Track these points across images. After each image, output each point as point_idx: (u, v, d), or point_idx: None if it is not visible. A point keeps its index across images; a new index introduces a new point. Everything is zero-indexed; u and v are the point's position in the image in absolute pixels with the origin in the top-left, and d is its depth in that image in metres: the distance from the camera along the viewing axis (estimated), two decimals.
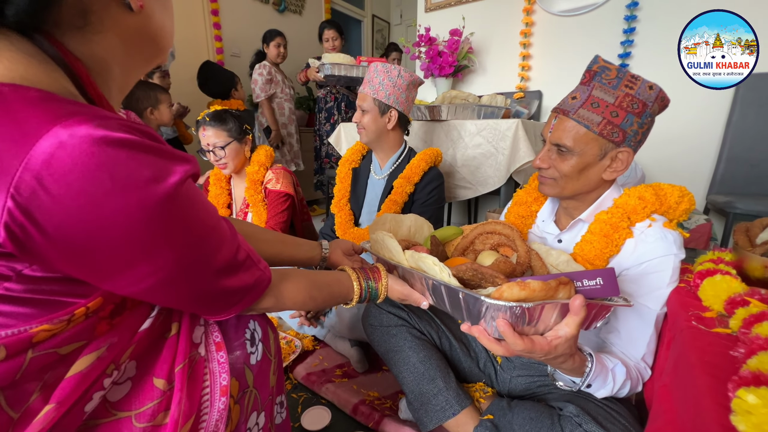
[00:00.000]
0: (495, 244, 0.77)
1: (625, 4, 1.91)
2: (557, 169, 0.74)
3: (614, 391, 0.65)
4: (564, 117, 0.71)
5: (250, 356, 0.49)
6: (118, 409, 0.35)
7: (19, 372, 0.29)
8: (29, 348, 0.29)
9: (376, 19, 4.92)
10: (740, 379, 0.37)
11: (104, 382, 0.34)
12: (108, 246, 0.29)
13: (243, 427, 0.47)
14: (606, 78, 0.69)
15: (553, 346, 0.52)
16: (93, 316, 0.33)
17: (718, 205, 1.68)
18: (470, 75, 2.47)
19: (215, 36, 2.94)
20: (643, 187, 0.74)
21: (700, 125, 1.85)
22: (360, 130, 1.30)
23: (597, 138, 0.69)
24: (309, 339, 1.29)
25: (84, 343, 0.33)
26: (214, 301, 0.41)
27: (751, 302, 0.51)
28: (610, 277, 0.56)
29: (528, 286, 0.48)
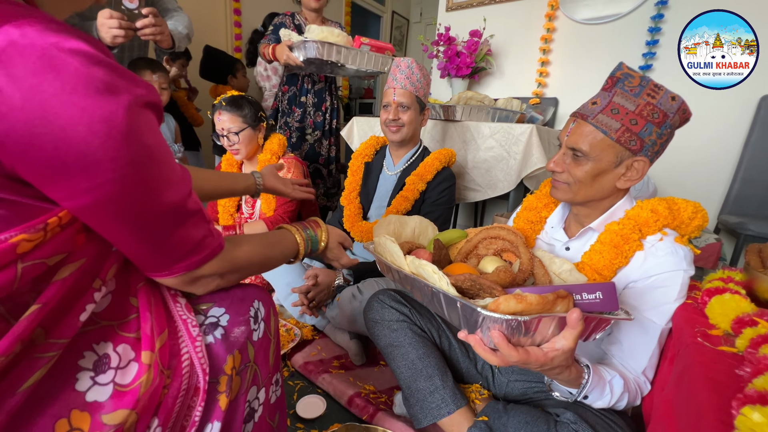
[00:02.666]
0: (498, 249, 0.77)
1: (650, 15, 1.89)
2: (571, 174, 0.73)
3: (611, 403, 0.64)
4: (582, 121, 0.71)
5: (253, 333, 0.51)
6: (101, 318, 0.37)
7: (14, 283, 0.30)
8: (17, 259, 0.30)
9: (396, 16, 4.90)
10: (745, 397, 0.36)
11: (94, 295, 0.36)
12: (48, 148, 0.29)
13: (243, 398, 0.49)
14: (629, 85, 0.68)
15: (550, 358, 0.52)
16: (68, 227, 0.34)
17: (730, 226, 1.65)
18: (487, 77, 2.46)
19: (234, 22, 2.95)
20: (656, 200, 0.74)
21: (717, 143, 1.82)
22: (395, 128, 1.27)
23: (614, 144, 0.68)
24: (309, 328, 1.30)
25: (67, 254, 0.34)
26: (157, 248, 0.39)
27: (759, 323, 0.51)
28: (609, 292, 0.55)
29: (525, 300, 0.48)
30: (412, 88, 1.24)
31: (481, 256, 0.77)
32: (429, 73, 1.32)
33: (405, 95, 1.24)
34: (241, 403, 0.49)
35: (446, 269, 0.69)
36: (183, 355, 0.43)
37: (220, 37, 2.89)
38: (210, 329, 0.48)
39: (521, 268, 0.69)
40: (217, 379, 0.45)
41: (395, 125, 1.27)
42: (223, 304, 0.52)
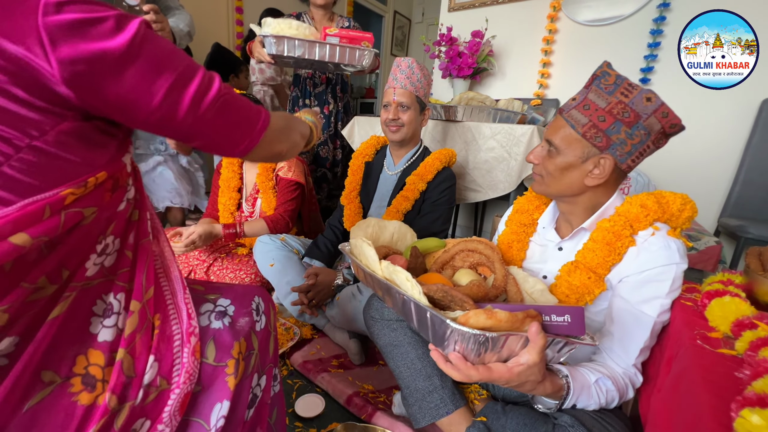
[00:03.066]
0: (475, 262, 0.77)
1: (652, 17, 1.88)
2: (544, 167, 0.76)
3: (602, 404, 0.65)
4: (559, 115, 0.74)
5: (256, 323, 0.56)
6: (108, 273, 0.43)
7: (59, 228, 0.36)
8: (62, 209, 0.36)
9: (398, 16, 4.91)
10: (744, 399, 0.36)
11: (97, 248, 0.41)
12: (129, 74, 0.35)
13: (248, 383, 0.53)
14: (604, 83, 0.69)
15: (515, 374, 0.52)
16: (100, 186, 0.40)
17: (730, 229, 1.65)
18: (488, 78, 2.46)
19: (236, 20, 2.95)
20: (644, 195, 0.74)
21: (718, 146, 1.82)
22: (395, 128, 1.27)
23: (580, 139, 0.70)
24: (308, 327, 1.30)
25: (96, 209, 0.40)
26: (224, 126, 0.45)
27: (759, 326, 0.51)
28: (578, 316, 0.56)
29: (495, 316, 0.49)
30: (412, 88, 1.24)
31: (456, 268, 0.78)
32: (430, 73, 1.31)
33: (405, 95, 1.24)
34: (246, 387, 0.52)
35: (420, 278, 0.69)
36: (168, 305, 0.49)
37: (222, 36, 2.89)
38: (219, 317, 0.53)
39: (495, 284, 0.70)
40: (226, 363, 0.49)
41: (395, 125, 1.27)
42: (228, 296, 0.56)
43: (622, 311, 0.71)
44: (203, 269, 1.47)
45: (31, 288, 0.35)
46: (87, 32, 0.32)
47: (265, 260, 1.33)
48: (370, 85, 5.65)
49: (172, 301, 0.49)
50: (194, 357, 0.47)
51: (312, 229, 1.72)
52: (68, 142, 0.36)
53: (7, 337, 0.34)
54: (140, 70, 0.36)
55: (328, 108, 2.00)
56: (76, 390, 0.39)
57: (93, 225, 0.40)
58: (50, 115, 0.34)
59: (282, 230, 1.47)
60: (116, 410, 0.40)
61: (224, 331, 0.52)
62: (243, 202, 1.61)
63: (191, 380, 0.46)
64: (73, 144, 0.37)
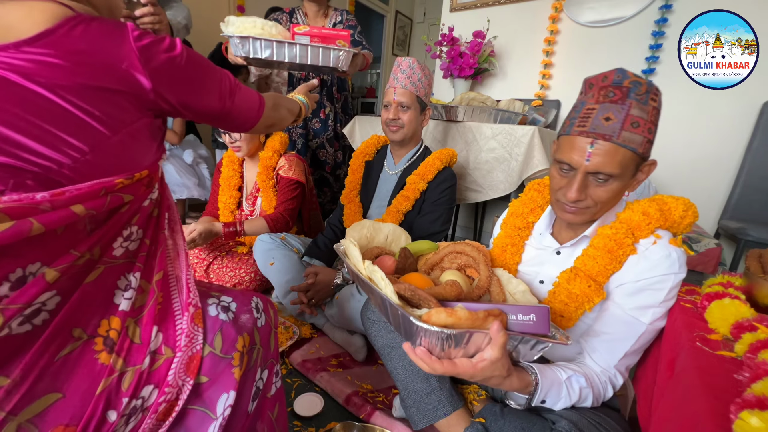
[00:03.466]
0: (462, 264, 0.79)
1: (653, 19, 1.88)
2: (593, 198, 0.68)
3: (573, 402, 0.66)
4: (605, 142, 0.64)
5: (257, 320, 0.60)
6: (131, 256, 0.50)
7: (105, 206, 0.44)
8: (110, 192, 0.44)
9: (400, 16, 4.90)
10: (744, 401, 0.36)
11: (123, 232, 0.48)
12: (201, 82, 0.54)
13: (252, 375, 0.57)
14: (638, 94, 0.64)
15: (479, 369, 0.55)
16: (140, 181, 0.49)
17: (730, 231, 1.65)
18: (490, 78, 2.46)
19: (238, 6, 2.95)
20: (646, 202, 0.73)
21: (719, 149, 1.82)
22: (395, 127, 1.27)
23: (636, 157, 0.65)
24: (307, 326, 1.30)
25: (132, 198, 0.48)
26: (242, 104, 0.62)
27: (759, 328, 0.51)
28: (543, 315, 0.59)
29: (455, 314, 0.52)
30: (412, 88, 1.24)
31: (445, 269, 0.80)
32: (432, 73, 1.31)
33: (405, 95, 1.24)
34: (249, 380, 0.56)
35: (404, 277, 0.72)
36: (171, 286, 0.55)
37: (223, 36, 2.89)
38: (223, 311, 0.57)
39: (478, 285, 0.73)
40: (232, 356, 0.54)
41: (395, 125, 1.27)
42: (229, 295, 0.61)
43: (613, 315, 0.71)
44: (203, 267, 1.47)
45: (76, 255, 0.43)
46: (159, 49, 0.47)
47: (265, 259, 1.33)
48: (371, 84, 5.65)
49: (175, 283, 0.54)
50: (193, 323, 0.52)
51: (312, 228, 1.72)
52: (141, 134, 0.48)
53: (55, 295, 0.41)
54: (193, 68, 0.51)
55: (324, 112, 1.92)
56: (98, 348, 0.45)
57: (123, 215, 0.48)
58: (137, 112, 0.47)
59: (282, 229, 1.47)
60: (123, 371, 0.45)
61: (229, 324, 0.56)
62: (243, 200, 1.61)
63: (192, 343, 0.51)
64: (143, 137, 0.49)
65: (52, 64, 0.38)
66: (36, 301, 0.39)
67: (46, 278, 0.40)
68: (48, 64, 0.38)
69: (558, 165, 0.71)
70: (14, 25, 0.37)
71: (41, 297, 0.40)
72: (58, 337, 0.42)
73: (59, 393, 0.41)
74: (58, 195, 0.40)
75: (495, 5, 2.37)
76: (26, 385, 0.39)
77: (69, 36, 0.39)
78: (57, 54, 0.38)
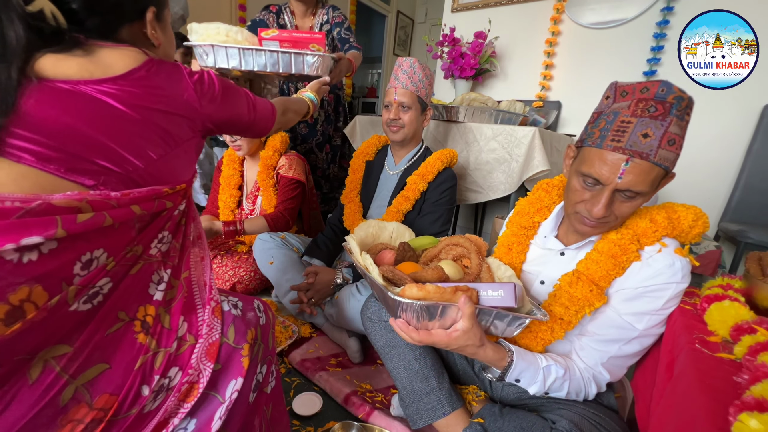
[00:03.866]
0: (457, 255, 0.85)
1: (655, 21, 1.88)
2: (616, 213, 0.66)
3: (546, 388, 0.71)
4: (641, 161, 0.60)
5: (260, 318, 0.67)
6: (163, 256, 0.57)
7: (152, 209, 0.53)
8: (158, 198, 0.54)
9: (401, 16, 4.90)
10: (743, 403, 0.36)
11: (159, 235, 0.56)
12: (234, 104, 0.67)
13: (254, 367, 0.63)
14: (679, 110, 0.59)
15: (453, 338, 0.63)
16: (179, 192, 0.58)
17: (730, 233, 1.65)
18: (491, 79, 2.46)
19: (239, 18, 2.95)
20: (655, 209, 0.71)
21: (719, 151, 1.82)
22: (396, 128, 1.27)
23: (665, 173, 0.63)
24: (307, 326, 1.30)
25: (172, 205, 0.57)
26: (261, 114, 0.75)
27: (758, 330, 0.51)
28: (510, 291, 0.66)
29: (425, 288, 0.60)
30: (413, 88, 1.24)
31: (441, 260, 0.85)
32: (432, 73, 1.31)
33: (406, 95, 1.24)
34: (251, 371, 0.62)
35: (398, 266, 0.81)
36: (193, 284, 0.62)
37: None
38: (234, 308, 0.64)
39: (469, 272, 0.80)
40: (242, 346, 0.60)
41: (396, 125, 1.27)
42: (235, 296, 0.68)
43: (608, 317, 0.71)
44: None
45: (126, 249, 0.50)
46: (203, 81, 0.60)
47: (265, 258, 1.33)
48: (372, 84, 5.64)
49: (197, 282, 0.62)
50: (213, 315, 0.60)
51: (312, 228, 1.72)
52: (189, 151, 0.60)
53: (109, 281, 0.48)
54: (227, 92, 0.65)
55: (311, 118, 1.84)
56: (137, 330, 0.51)
57: (161, 219, 0.56)
58: (191, 132, 0.59)
59: (282, 228, 1.47)
60: (156, 351, 0.52)
61: (240, 318, 0.63)
62: (243, 199, 1.61)
63: (211, 332, 0.58)
64: (190, 153, 0.60)
65: (137, 93, 0.50)
66: (97, 284, 0.47)
67: (106, 266, 0.47)
68: (135, 94, 0.50)
69: (582, 178, 0.67)
70: (112, 65, 0.49)
71: (101, 281, 0.47)
72: (108, 317, 0.49)
73: (107, 364, 0.48)
74: (126, 195, 0.49)
75: (496, 6, 2.37)
76: (84, 354, 0.45)
77: (148, 73, 0.52)
78: (142, 86, 0.51)
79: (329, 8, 1.75)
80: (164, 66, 0.55)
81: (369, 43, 5.43)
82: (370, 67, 5.58)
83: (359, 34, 4.71)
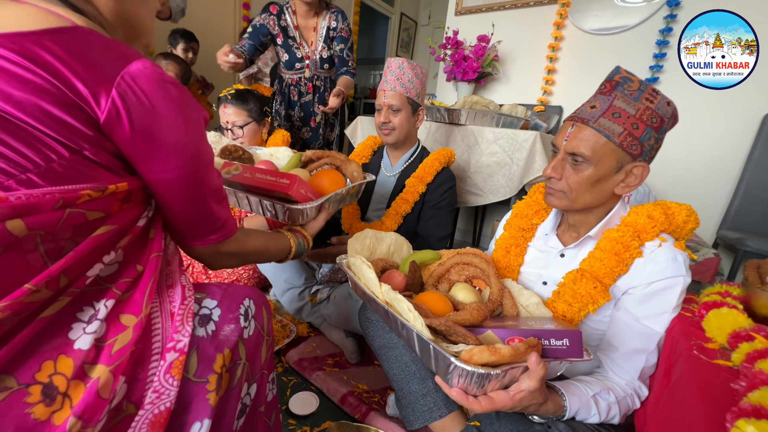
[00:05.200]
0: (470, 276, 0.79)
1: (658, 28, 1.89)
2: (568, 182, 0.72)
3: (603, 418, 0.65)
4: (583, 125, 0.69)
5: (244, 330, 0.54)
6: (105, 281, 0.43)
7: (59, 223, 0.37)
8: (70, 206, 0.38)
9: (404, 18, 4.91)
10: (740, 410, 0.36)
11: (104, 258, 0.42)
12: (162, 142, 0.42)
13: (236, 394, 0.52)
14: (628, 89, 0.67)
15: (517, 400, 0.54)
16: (113, 195, 0.42)
17: (729, 241, 1.66)
18: (493, 83, 2.46)
19: (243, 16, 2.95)
20: (651, 206, 0.74)
21: (719, 158, 1.83)
22: (387, 131, 1.26)
23: (616, 149, 0.67)
24: (304, 325, 1.30)
25: (103, 215, 0.41)
26: (200, 219, 0.51)
27: (756, 338, 0.51)
28: (576, 339, 0.58)
29: (498, 352, 0.50)
30: (402, 90, 1.22)
31: (452, 282, 0.79)
32: (426, 72, 1.27)
33: (395, 97, 1.22)
34: (232, 399, 0.51)
35: (419, 297, 0.71)
36: (154, 319, 0.47)
37: (228, 33, 2.89)
38: (203, 322, 0.51)
39: (491, 299, 0.72)
40: (207, 378, 0.47)
41: (386, 128, 1.26)
42: (215, 297, 0.55)
43: (626, 325, 0.70)
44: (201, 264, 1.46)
45: (29, 289, 0.35)
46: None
47: None
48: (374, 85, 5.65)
49: (159, 317, 0.46)
50: (169, 374, 0.44)
51: None
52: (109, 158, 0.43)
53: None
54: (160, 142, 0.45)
55: (314, 120, 1.81)
56: (33, 401, 0.35)
57: (106, 237, 0.41)
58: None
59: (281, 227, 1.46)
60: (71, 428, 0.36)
61: (207, 341, 0.50)
62: None
63: (160, 400, 0.43)
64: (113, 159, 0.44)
65: None
66: None
67: None
68: None
69: (552, 150, 0.76)
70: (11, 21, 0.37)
71: None
72: None
73: None
74: (3, 202, 0.32)
75: (500, 10, 2.37)
76: None
77: (43, 44, 0.36)
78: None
79: (338, 14, 1.69)
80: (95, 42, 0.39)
81: (372, 45, 5.43)
82: (372, 69, 5.59)
83: (362, 34, 4.72)
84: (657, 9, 1.89)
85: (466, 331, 0.57)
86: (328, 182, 0.87)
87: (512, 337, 0.58)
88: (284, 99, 1.79)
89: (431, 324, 0.57)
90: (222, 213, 0.54)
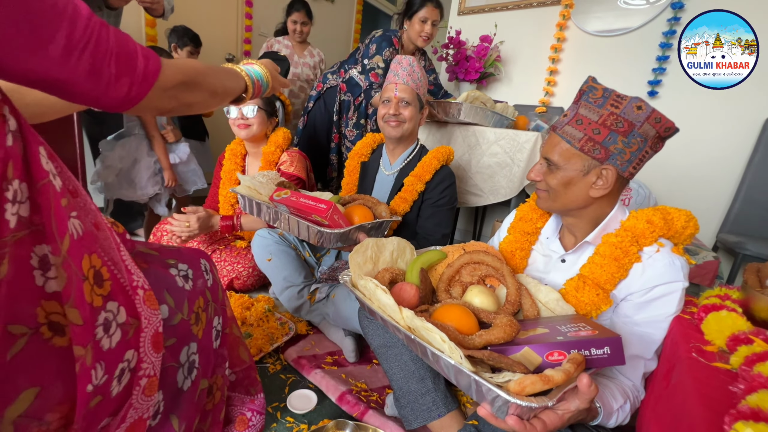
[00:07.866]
0: (483, 275, 0.76)
1: (662, 31, 1.89)
2: (547, 183, 0.77)
3: (617, 423, 0.66)
4: (553, 132, 0.76)
5: (207, 281, 0.69)
6: (32, 223, 0.40)
7: None
8: None
9: None
10: (738, 413, 0.36)
11: (7, 195, 0.37)
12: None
13: (210, 325, 0.68)
14: (592, 97, 0.72)
15: (565, 420, 0.53)
16: None
17: (728, 244, 1.66)
18: (495, 83, 2.46)
19: (246, 13, 2.95)
20: (650, 211, 0.74)
21: (720, 162, 1.83)
22: (395, 122, 1.26)
23: (578, 153, 0.72)
24: (303, 323, 1.30)
25: None
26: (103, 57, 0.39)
27: (755, 341, 0.51)
28: (617, 346, 0.56)
29: (551, 381, 0.48)
30: (413, 85, 1.25)
31: (464, 283, 0.77)
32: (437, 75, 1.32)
33: (407, 91, 1.24)
34: (209, 329, 0.68)
35: (437, 313, 0.66)
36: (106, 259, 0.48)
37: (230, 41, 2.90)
38: (184, 280, 0.63)
39: (509, 299, 0.69)
40: (190, 317, 0.62)
41: (396, 120, 1.26)
42: (184, 261, 0.66)
43: (627, 332, 0.70)
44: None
45: None
46: None
47: (263, 254, 1.32)
48: None
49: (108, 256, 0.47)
50: (147, 305, 0.50)
51: None
52: None
53: None
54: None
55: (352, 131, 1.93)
56: (48, 336, 0.40)
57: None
58: None
59: None
60: (82, 354, 0.41)
61: (191, 291, 0.63)
62: None
63: (151, 324, 0.51)
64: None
65: None
66: None
67: None
68: None
69: None
70: None
71: None
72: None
73: (37, 386, 0.39)
74: None
75: (503, 10, 2.37)
76: None
77: None
78: None
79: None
80: None
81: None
82: None
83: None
84: (660, 11, 1.89)
85: (512, 360, 0.54)
86: (358, 217, 1.08)
87: (551, 351, 0.55)
88: (341, 118, 1.94)
89: (472, 355, 0.53)
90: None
